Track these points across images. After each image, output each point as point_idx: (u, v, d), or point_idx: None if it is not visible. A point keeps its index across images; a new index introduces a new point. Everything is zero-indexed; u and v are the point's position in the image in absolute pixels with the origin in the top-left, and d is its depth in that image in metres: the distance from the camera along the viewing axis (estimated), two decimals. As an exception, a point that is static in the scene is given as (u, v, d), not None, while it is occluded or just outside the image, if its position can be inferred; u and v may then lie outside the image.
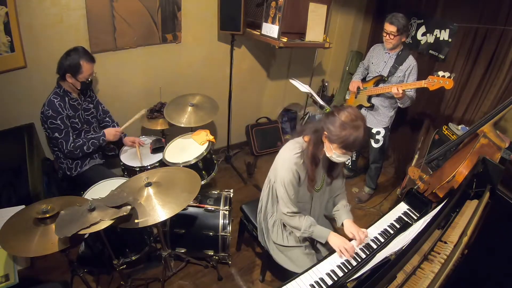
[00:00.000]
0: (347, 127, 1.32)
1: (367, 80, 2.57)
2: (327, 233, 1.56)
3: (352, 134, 1.32)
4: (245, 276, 2.15)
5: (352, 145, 1.35)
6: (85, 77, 1.91)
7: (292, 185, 1.51)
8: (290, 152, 1.50)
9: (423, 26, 2.83)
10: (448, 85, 2.07)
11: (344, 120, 1.34)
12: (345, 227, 1.62)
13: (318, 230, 1.57)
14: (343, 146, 1.36)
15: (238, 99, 3.15)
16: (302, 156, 1.50)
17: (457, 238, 1.18)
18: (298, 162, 1.49)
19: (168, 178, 1.67)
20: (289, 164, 1.48)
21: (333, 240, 1.54)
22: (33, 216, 1.38)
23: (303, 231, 1.56)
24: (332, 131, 1.36)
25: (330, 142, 1.39)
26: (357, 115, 1.36)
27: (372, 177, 2.88)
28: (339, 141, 1.35)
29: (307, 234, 1.57)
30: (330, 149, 1.42)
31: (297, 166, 1.49)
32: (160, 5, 2.39)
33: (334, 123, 1.36)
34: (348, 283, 1.26)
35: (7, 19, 1.86)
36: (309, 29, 2.51)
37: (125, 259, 1.84)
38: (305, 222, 1.56)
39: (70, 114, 1.97)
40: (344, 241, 1.52)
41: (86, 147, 2.01)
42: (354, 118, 1.34)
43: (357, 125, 1.32)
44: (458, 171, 1.95)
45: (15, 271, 1.38)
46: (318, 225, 1.59)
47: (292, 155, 1.48)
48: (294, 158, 1.48)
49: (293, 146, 1.52)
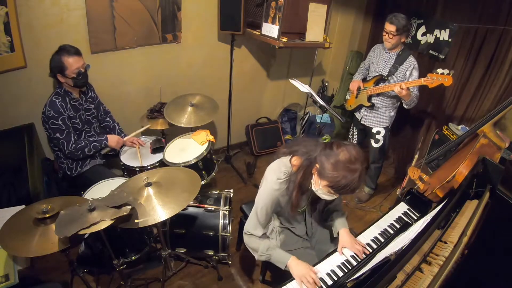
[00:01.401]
0: (341, 169, 1.19)
1: (368, 80, 2.57)
2: (287, 258, 1.41)
3: (345, 177, 1.19)
4: (245, 276, 2.15)
5: (341, 189, 1.22)
6: (73, 72, 1.87)
7: (266, 211, 1.41)
8: (274, 176, 1.38)
9: (423, 26, 2.83)
10: (447, 82, 2.05)
11: (340, 159, 1.21)
12: (340, 239, 1.53)
13: (277, 254, 1.44)
14: (331, 186, 1.23)
15: (238, 99, 3.15)
16: (286, 182, 1.38)
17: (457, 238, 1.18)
18: (281, 188, 1.38)
19: (168, 178, 1.67)
20: (270, 188, 1.38)
21: (293, 269, 1.38)
22: (33, 216, 1.38)
23: (260, 254, 1.45)
24: (324, 167, 1.23)
25: (319, 177, 1.27)
26: (357, 157, 1.22)
27: (372, 177, 2.88)
28: (329, 180, 1.22)
29: (264, 257, 1.45)
30: (317, 184, 1.29)
31: (279, 192, 1.39)
32: (160, 5, 2.39)
33: (329, 159, 1.23)
34: (348, 283, 1.26)
35: (7, 19, 1.86)
36: (309, 29, 2.51)
37: (125, 259, 1.84)
38: (263, 244, 1.44)
39: (71, 115, 1.97)
40: (307, 269, 1.37)
41: (88, 149, 2.01)
42: (353, 160, 1.20)
43: (353, 168, 1.19)
44: (458, 171, 1.95)
45: (15, 271, 1.38)
46: (278, 249, 1.46)
47: (276, 181, 1.37)
48: (277, 185, 1.37)
49: (279, 169, 1.38)
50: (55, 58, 1.85)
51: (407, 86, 2.18)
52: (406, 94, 2.19)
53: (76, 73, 1.89)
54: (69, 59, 1.85)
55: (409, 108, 2.38)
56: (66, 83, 1.92)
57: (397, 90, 2.19)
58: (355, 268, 1.37)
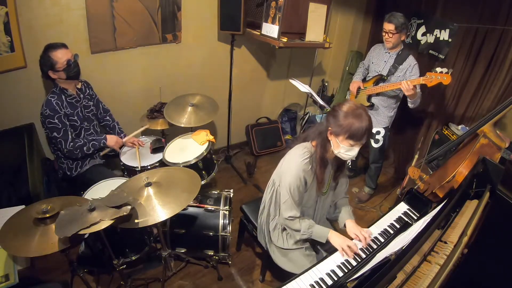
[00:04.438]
0: (350, 116, 1.34)
1: (367, 80, 2.57)
2: (327, 232, 1.56)
3: (355, 122, 1.32)
4: (245, 276, 2.15)
5: (357, 133, 1.33)
6: (63, 64, 1.86)
7: (298, 191, 1.50)
8: (298, 158, 1.48)
9: (423, 26, 2.83)
10: (446, 81, 2.04)
11: (346, 110, 1.36)
12: (348, 228, 1.63)
13: (318, 230, 1.57)
14: (348, 136, 1.35)
15: (238, 99, 3.15)
16: (310, 162, 1.48)
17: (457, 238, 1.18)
18: (306, 169, 1.48)
19: (168, 178, 1.67)
20: (297, 170, 1.47)
21: (334, 239, 1.54)
22: (33, 216, 1.38)
23: (303, 233, 1.56)
24: (336, 124, 1.37)
25: (336, 136, 1.39)
26: (358, 105, 1.38)
27: (372, 177, 2.88)
28: (344, 131, 1.35)
29: (306, 235, 1.56)
30: (337, 145, 1.40)
31: (305, 172, 1.48)
32: (160, 5, 2.39)
33: (337, 116, 1.37)
34: (348, 283, 1.26)
35: (7, 19, 1.86)
36: (309, 29, 2.51)
37: (125, 259, 1.84)
38: (303, 223, 1.55)
39: (68, 112, 1.97)
40: (345, 239, 1.52)
41: (86, 148, 2.01)
42: (355, 108, 1.35)
43: (359, 113, 1.34)
44: (458, 171, 1.96)
45: (15, 271, 1.38)
46: (317, 225, 1.59)
47: (300, 161, 1.47)
48: (302, 165, 1.47)
49: (302, 151, 1.49)
50: (43, 56, 1.85)
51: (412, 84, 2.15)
52: (414, 93, 2.16)
53: (66, 64, 1.87)
54: (56, 53, 1.84)
55: (413, 107, 2.35)
56: (60, 78, 1.91)
57: (405, 89, 2.15)
58: (355, 268, 1.37)
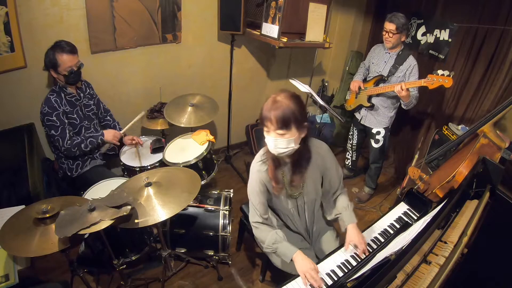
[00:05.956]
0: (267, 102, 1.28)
1: (368, 80, 2.57)
2: (293, 252, 1.42)
3: (264, 106, 1.27)
4: (245, 276, 2.15)
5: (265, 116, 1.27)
6: (65, 69, 1.87)
7: (256, 194, 1.46)
8: (254, 161, 1.47)
9: (423, 26, 2.83)
10: (447, 84, 2.06)
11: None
12: (348, 235, 1.51)
13: (283, 248, 1.45)
14: (262, 118, 1.29)
15: (238, 99, 3.15)
16: (265, 162, 1.44)
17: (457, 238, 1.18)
18: (261, 169, 1.44)
19: (168, 178, 1.67)
20: (253, 173, 1.46)
21: (297, 264, 1.40)
22: (33, 216, 1.38)
23: (266, 246, 1.48)
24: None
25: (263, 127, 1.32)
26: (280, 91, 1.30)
27: (372, 177, 2.88)
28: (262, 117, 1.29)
29: (270, 249, 1.48)
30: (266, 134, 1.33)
31: (260, 174, 1.44)
32: (160, 5, 2.39)
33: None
34: (348, 283, 1.26)
35: (7, 19, 1.86)
36: (309, 29, 2.51)
37: (125, 259, 1.84)
38: (270, 237, 1.47)
39: (67, 110, 1.97)
40: (308, 266, 1.38)
41: (84, 145, 2.00)
42: (275, 95, 1.28)
43: (272, 98, 1.27)
44: (458, 171, 1.95)
45: (15, 271, 1.38)
46: (284, 242, 1.47)
47: (255, 163, 1.46)
48: (257, 166, 1.45)
49: (259, 155, 1.48)
50: (50, 53, 1.85)
51: (407, 87, 2.18)
52: (406, 95, 2.19)
53: (68, 72, 1.88)
54: (63, 57, 1.85)
55: (407, 109, 2.39)
56: (58, 79, 1.92)
57: (397, 90, 2.20)
58: (355, 268, 1.37)
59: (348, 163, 3.10)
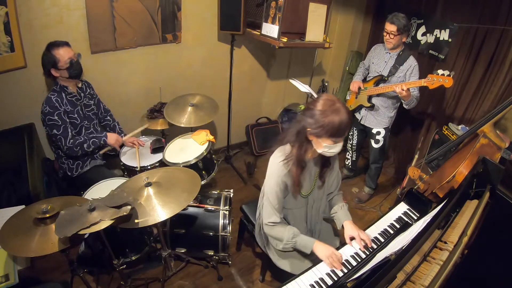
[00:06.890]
0: (328, 114, 1.26)
1: (368, 80, 2.57)
2: (312, 242, 1.48)
3: (335, 118, 1.25)
4: (245, 276, 2.15)
5: (339, 130, 1.27)
6: (65, 62, 1.87)
7: (276, 195, 1.46)
8: (275, 160, 1.44)
9: (423, 26, 2.83)
10: (447, 84, 2.07)
11: (322, 108, 1.28)
12: (345, 231, 1.58)
13: (302, 240, 1.50)
14: (330, 134, 1.28)
15: (238, 99, 3.15)
16: (288, 163, 1.43)
17: (457, 238, 1.18)
18: (283, 170, 1.43)
19: (168, 178, 1.67)
20: (274, 174, 1.44)
21: (319, 251, 1.46)
22: (33, 216, 1.38)
23: (286, 242, 1.49)
24: (315, 124, 1.29)
25: (317, 136, 1.32)
26: (333, 99, 1.29)
27: (372, 177, 2.88)
28: (325, 131, 1.27)
29: (290, 245, 1.50)
30: (319, 144, 1.34)
31: (283, 174, 1.43)
32: (160, 5, 2.39)
33: (314, 115, 1.29)
34: (348, 283, 1.26)
35: (7, 19, 1.86)
36: (309, 29, 2.51)
37: (125, 259, 1.84)
38: (287, 232, 1.49)
39: (68, 110, 1.97)
40: (330, 250, 1.45)
41: (87, 145, 2.00)
42: (331, 103, 1.27)
43: (336, 108, 1.26)
44: (458, 171, 1.96)
45: (15, 271, 1.38)
46: (302, 235, 1.51)
47: (277, 163, 1.43)
48: (279, 166, 1.43)
49: (279, 153, 1.45)
50: (46, 54, 1.86)
51: (407, 87, 2.18)
52: (406, 95, 2.19)
53: (69, 63, 1.88)
54: (59, 51, 1.85)
55: (409, 108, 2.38)
56: (61, 76, 1.92)
57: (398, 90, 2.20)
58: (355, 268, 1.37)
59: (348, 163, 3.10)
